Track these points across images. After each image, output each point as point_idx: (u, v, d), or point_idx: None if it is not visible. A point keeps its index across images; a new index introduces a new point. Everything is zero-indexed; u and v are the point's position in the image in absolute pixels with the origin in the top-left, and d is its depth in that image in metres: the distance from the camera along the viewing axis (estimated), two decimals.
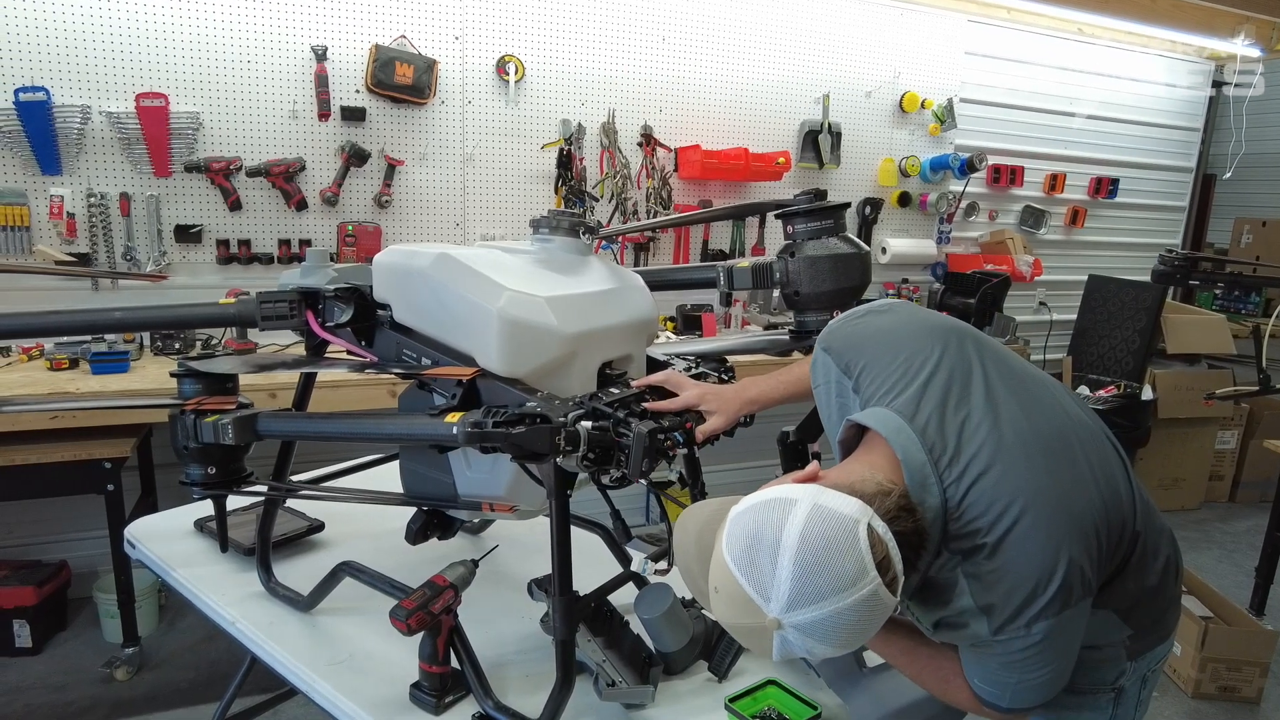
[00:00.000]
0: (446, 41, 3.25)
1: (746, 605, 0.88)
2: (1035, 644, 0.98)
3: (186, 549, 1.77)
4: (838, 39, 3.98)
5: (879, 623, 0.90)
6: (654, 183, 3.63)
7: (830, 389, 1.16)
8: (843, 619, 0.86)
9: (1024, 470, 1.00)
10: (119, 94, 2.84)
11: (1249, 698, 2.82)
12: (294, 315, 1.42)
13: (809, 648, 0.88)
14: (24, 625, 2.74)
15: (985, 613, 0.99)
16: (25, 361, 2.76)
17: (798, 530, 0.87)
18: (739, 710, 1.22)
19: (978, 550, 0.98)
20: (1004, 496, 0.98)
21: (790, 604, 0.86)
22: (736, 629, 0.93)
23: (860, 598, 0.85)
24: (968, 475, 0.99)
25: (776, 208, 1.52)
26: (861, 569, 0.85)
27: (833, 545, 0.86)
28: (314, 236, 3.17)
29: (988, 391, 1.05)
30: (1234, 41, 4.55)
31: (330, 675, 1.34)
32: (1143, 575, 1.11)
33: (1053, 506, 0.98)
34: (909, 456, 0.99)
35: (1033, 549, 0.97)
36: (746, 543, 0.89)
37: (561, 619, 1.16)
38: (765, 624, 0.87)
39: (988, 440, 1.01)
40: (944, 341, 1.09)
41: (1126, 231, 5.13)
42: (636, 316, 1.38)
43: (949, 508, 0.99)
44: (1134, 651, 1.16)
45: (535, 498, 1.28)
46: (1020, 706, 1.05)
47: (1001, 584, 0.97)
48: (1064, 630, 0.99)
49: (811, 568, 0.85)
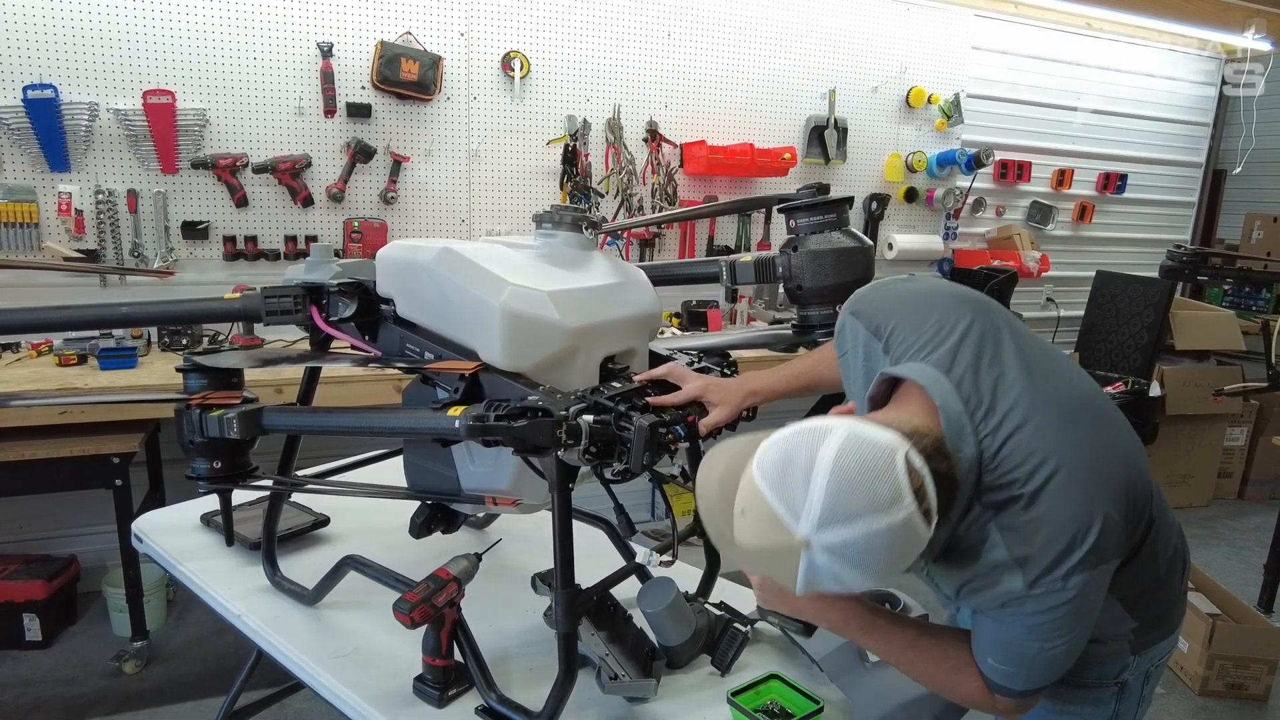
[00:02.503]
0: (452, 38, 3.25)
1: (774, 525, 0.86)
2: (1067, 601, 0.95)
3: (193, 543, 1.78)
4: (844, 34, 3.96)
5: (909, 556, 0.87)
6: (659, 179, 3.63)
7: (858, 353, 1.14)
8: (875, 542, 0.83)
9: (1060, 426, 0.99)
10: (126, 91, 2.86)
11: (1256, 695, 2.80)
12: (298, 310, 1.43)
13: (836, 573, 0.85)
14: (34, 619, 2.77)
15: (1020, 565, 0.96)
16: (34, 357, 2.78)
17: (833, 452, 0.85)
18: (742, 704, 1.22)
19: (1013, 502, 0.97)
20: (1041, 449, 0.97)
21: (821, 522, 0.84)
22: (762, 553, 0.89)
23: (894, 522, 0.83)
24: (1004, 428, 0.98)
25: (780, 202, 1.51)
26: (897, 493, 0.84)
27: (868, 467, 0.84)
28: (320, 233, 3.18)
29: (1019, 354, 1.05)
30: (1245, 35, 4.51)
31: (335, 668, 1.35)
32: (1152, 563, 1.11)
33: (1089, 462, 0.98)
34: (947, 404, 0.98)
35: (1071, 500, 0.96)
36: (779, 463, 0.87)
37: (564, 613, 1.16)
38: (794, 543, 0.85)
39: (1022, 397, 1.00)
40: (973, 307, 1.09)
41: (1135, 227, 5.10)
42: (639, 311, 1.38)
43: (984, 459, 0.98)
44: (1138, 645, 1.16)
45: (538, 492, 1.28)
46: (1033, 686, 1.03)
47: (1039, 535, 0.95)
48: (1094, 590, 0.97)
49: (846, 486, 0.83)
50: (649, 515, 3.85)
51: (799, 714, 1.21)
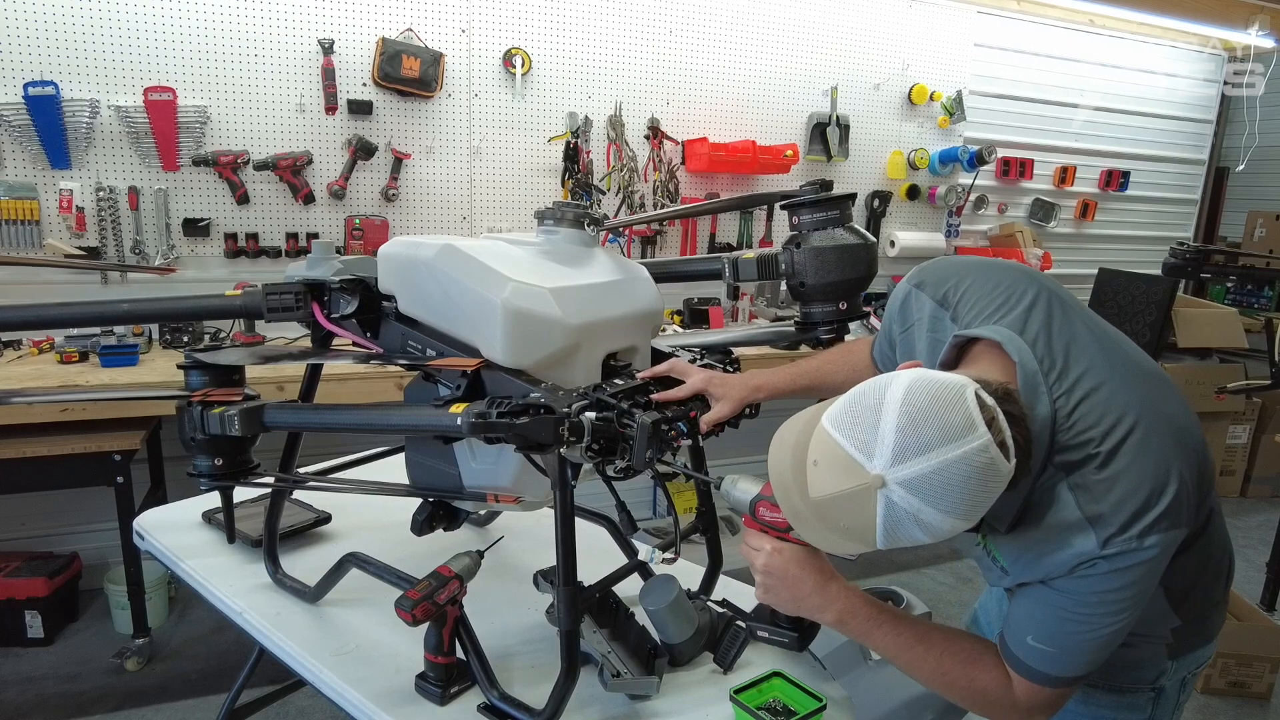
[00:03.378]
0: (453, 34, 3.24)
1: (848, 467, 0.85)
2: (1142, 563, 0.92)
3: (195, 540, 1.78)
4: (846, 30, 3.95)
5: (989, 490, 0.85)
6: (661, 176, 3.63)
7: (923, 325, 1.13)
8: (952, 473, 0.82)
9: (1134, 387, 0.99)
10: (127, 88, 2.85)
11: (1259, 694, 2.80)
12: (300, 307, 1.42)
13: (914, 512, 0.83)
14: (36, 616, 2.77)
15: (1093, 523, 0.92)
16: (36, 355, 2.78)
17: (901, 390, 0.85)
18: (744, 702, 1.21)
19: (1088, 461, 0.94)
20: (1117, 409, 0.96)
21: (895, 457, 0.83)
22: (838, 499, 0.87)
23: (970, 450, 0.82)
24: (1078, 389, 0.98)
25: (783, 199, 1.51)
26: (970, 423, 0.83)
27: (939, 400, 0.84)
28: (321, 230, 3.18)
29: (1087, 323, 1.05)
30: (1248, 32, 4.50)
31: (337, 666, 1.35)
32: (1204, 557, 1.09)
33: (1164, 423, 0.97)
34: (1024, 360, 0.97)
35: (1148, 457, 0.94)
36: (848, 408, 0.88)
37: (566, 610, 1.16)
38: (869, 482, 0.84)
39: (1095, 361, 1.00)
40: (1038, 278, 1.10)
41: (1137, 225, 5.09)
42: (641, 308, 1.38)
43: (1058, 418, 0.96)
44: (1176, 650, 1.13)
45: (540, 489, 1.28)
46: (1071, 673, 0.99)
47: (1113, 492, 0.93)
48: (1163, 559, 0.94)
49: (917, 419, 0.83)
50: (651, 513, 3.85)
51: (801, 712, 1.21)
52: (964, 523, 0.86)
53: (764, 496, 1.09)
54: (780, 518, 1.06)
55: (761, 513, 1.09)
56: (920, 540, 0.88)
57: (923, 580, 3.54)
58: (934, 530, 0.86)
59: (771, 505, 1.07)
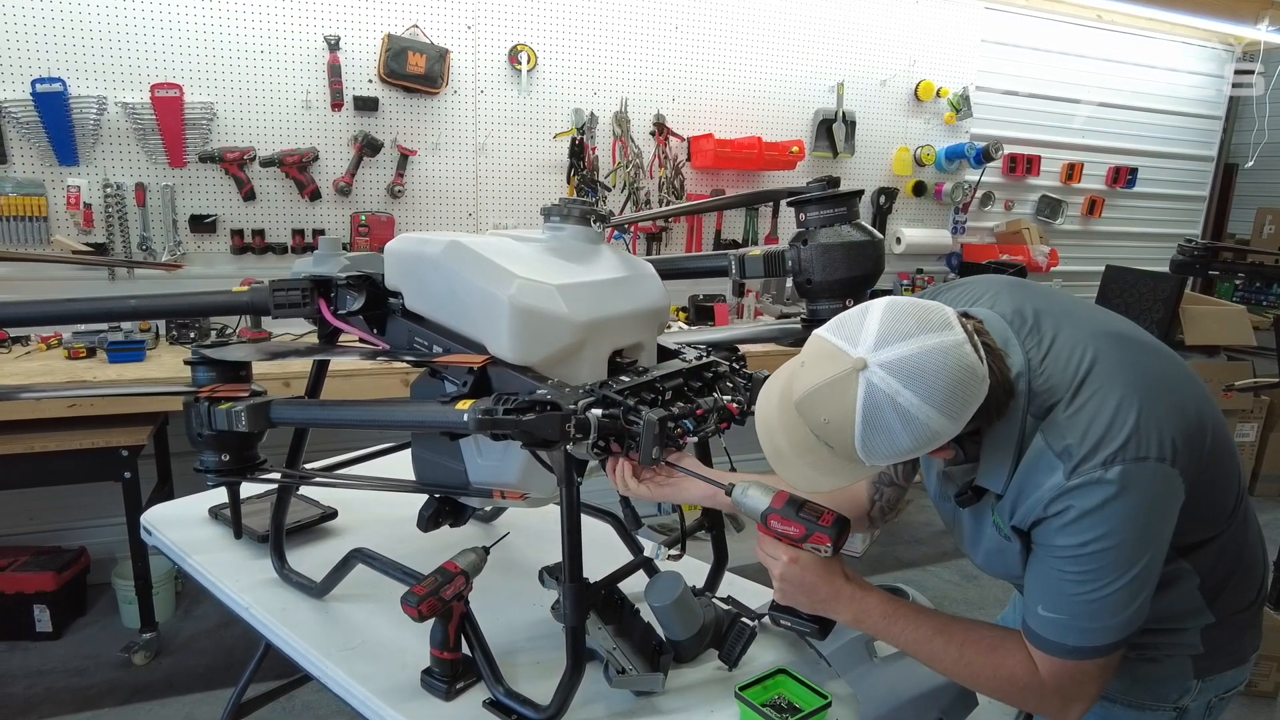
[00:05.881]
0: (459, 31, 3.24)
1: (833, 356, 0.91)
2: (1111, 499, 0.91)
3: (201, 536, 1.78)
4: (852, 27, 3.94)
5: (967, 389, 0.89)
6: (666, 172, 3.62)
7: None
8: (930, 359, 0.88)
9: (1103, 337, 1.02)
10: (134, 85, 2.86)
11: (1266, 692, 2.79)
12: (306, 303, 1.42)
13: (895, 394, 0.87)
14: (44, 610, 2.79)
15: (1062, 458, 0.94)
16: (44, 350, 2.79)
17: (886, 299, 0.94)
18: (749, 699, 1.21)
19: (1057, 405, 0.97)
20: (1079, 349, 1.00)
21: (878, 342, 0.89)
22: (819, 391, 0.91)
23: (948, 341, 0.88)
24: (1046, 338, 1.01)
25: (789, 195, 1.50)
26: (947, 321, 0.91)
27: (921, 305, 0.93)
28: (327, 226, 3.19)
29: (1061, 300, 1.10)
30: (1258, 27, 4.47)
31: (343, 661, 1.35)
32: (1239, 550, 1.09)
33: (1130, 365, 1.00)
34: (991, 321, 1.02)
35: (1109, 391, 0.96)
36: (837, 320, 0.95)
37: (572, 606, 1.16)
38: (851, 364, 0.89)
39: (1065, 319, 1.04)
40: (1010, 280, 1.14)
41: (1145, 221, 5.07)
42: (647, 305, 1.38)
43: (1031, 366, 0.99)
44: (1204, 668, 1.11)
45: (546, 485, 1.28)
46: (1086, 643, 0.97)
47: (1077, 426, 0.95)
48: (1141, 497, 0.93)
49: (899, 314, 0.91)
50: (656, 510, 3.85)
51: (806, 709, 1.21)
52: (941, 418, 0.89)
53: (774, 509, 1.09)
54: (791, 530, 1.08)
55: (773, 525, 1.09)
56: (900, 445, 0.90)
57: (928, 578, 3.53)
58: (912, 422, 0.88)
59: (783, 519, 1.08)
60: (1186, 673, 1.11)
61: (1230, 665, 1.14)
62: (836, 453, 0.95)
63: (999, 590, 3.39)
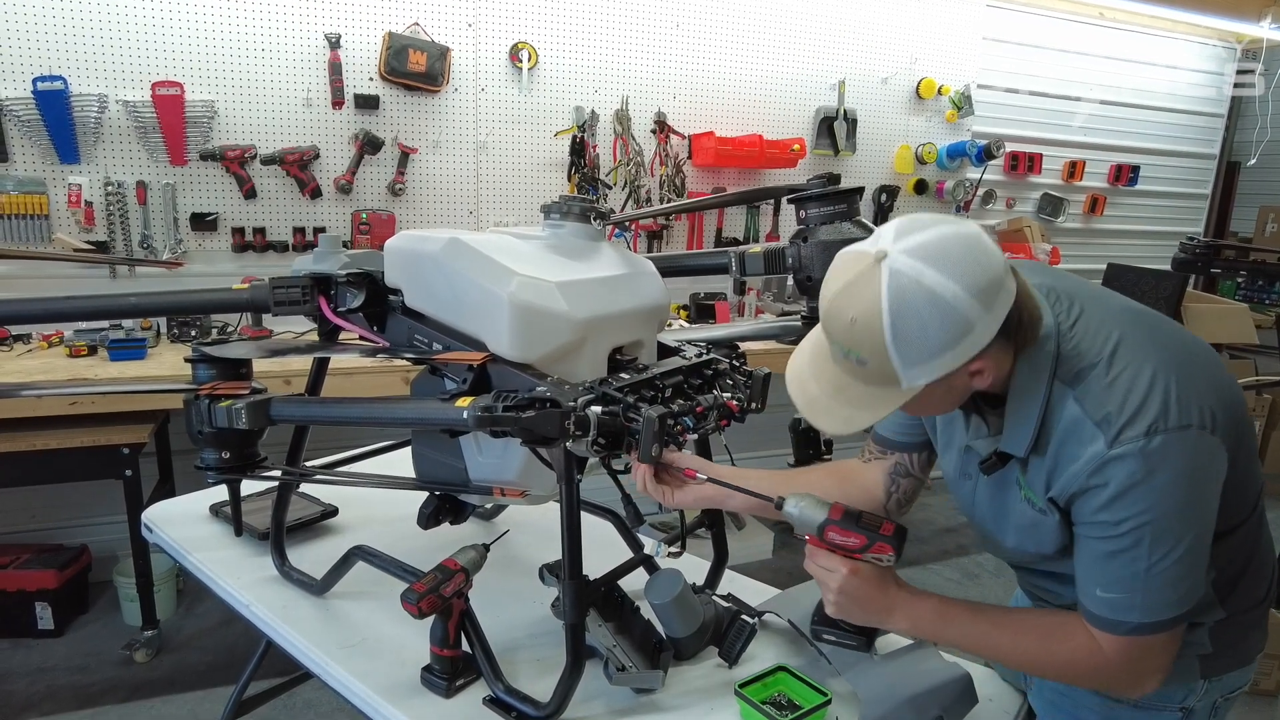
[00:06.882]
0: (459, 29, 3.24)
1: (856, 256, 0.93)
2: (1157, 469, 0.90)
3: (202, 533, 1.79)
4: (854, 24, 3.93)
5: (993, 275, 0.89)
6: (667, 170, 3.62)
7: None
8: (952, 242, 0.89)
9: (1130, 315, 1.03)
10: (135, 83, 2.86)
11: (1268, 690, 2.79)
12: (306, 300, 1.42)
13: (919, 275, 0.88)
14: (46, 608, 2.79)
15: (1101, 427, 0.93)
16: (45, 349, 2.80)
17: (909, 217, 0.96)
18: (749, 696, 1.21)
19: (1090, 370, 0.96)
20: (1112, 321, 1.00)
21: (897, 235, 0.91)
22: (845, 292, 0.92)
23: (968, 229, 0.91)
24: (1075, 309, 1.01)
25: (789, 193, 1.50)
26: (964, 219, 0.94)
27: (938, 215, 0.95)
28: (328, 224, 3.19)
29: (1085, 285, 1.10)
30: (1261, 24, 4.46)
31: (343, 658, 1.35)
32: (1253, 546, 1.09)
33: (1163, 340, 1.00)
34: (1023, 282, 1.00)
35: (1141, 361, 0.95)
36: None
37: (572, 603, 1.16)
38: (873, 256, 0.90)
39: (1091, 298, 1.04)
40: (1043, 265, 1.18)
41: (1147, 219, 5.06)
42: (648, 302, 1.37)
43: (1061, 329, 0.99)
44: (1210, 668, 1.11)
45: (546, 483, 1.28)
46: (1151, 618, 0.95)
47: (1115, 394, 0.94)
48: (1187, 468, 0.92)
49: (920, 219, 0.93)
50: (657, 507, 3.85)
51: (806, 706, 1.21)
52: (971, 299, 0.88)
53: (833, 520, 1.08)
54: (851, 541, 1.07)
55: (831, 536, 1.08)
56: (931, 336, 0.89)
57: (929, 576, 3.53)
58: (940, 304, 0.88)
59: (842, 530, 1.07)
60: (1193, 673, 1.11)
61: (1236, 665, 1.13)
62: (870, 370, 0.94)
63: (1000, 590, 3.39)
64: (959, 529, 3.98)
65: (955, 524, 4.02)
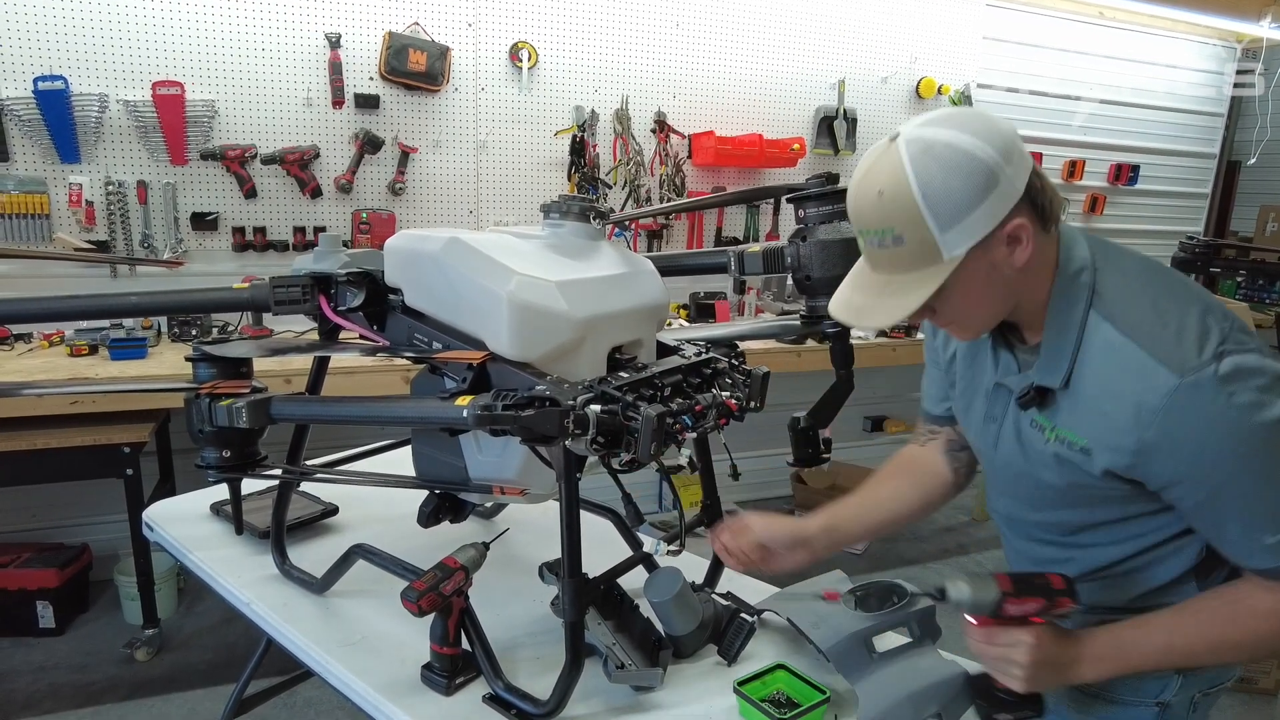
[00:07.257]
0: (459, 28, 3.24)
1: (873, 148, 0.99)
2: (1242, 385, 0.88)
3: (203, 532, 1.79)
4: (854, 24, 3.93)
5: (997, 125, 0.94)
6: (667, 169, 3.62)
7: None
8: (957, 111, 0.96)
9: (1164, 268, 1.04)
10: (136, 83, 2.86)
11: (1266, 689, 2.79)
12: (307, 300, 1.43)
13: (936, 136, 0.92)
14: (47, 606, 2.80)
15: (1164, 362, 0.91)
16: (46, 348, 2.80)
17: None
18: (748, 694, 1.21)
19: (1127, 300, 0.97)
20: (1144, 269, 1.02)
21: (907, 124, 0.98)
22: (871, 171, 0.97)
23: (974, 108, 0.98)
24: (1111, 254, 1.03)
25: (788, 192, 1.50)
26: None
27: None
28: (328, 224, 3.19)
29: None
30: (1261, 24, 4.46)
31: (343, 656, 1.35)
32: None
33: (1195, 290, 1.01)
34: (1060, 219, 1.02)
35: (1186, 303, 0.96)
36: None
37: (571, 602, 1.16)
38: (888, 140, 0.96)
39: (1117, 249, 1.06)
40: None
41: (1147, 219, 5.06)
42: (647, 301, 1.38)
43: (1095, 260, 1.01)
44: None
45: (546, 482, 1.28)
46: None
47: (1168, 324, 0.94)
48: (1270, 370, 0.91)
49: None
50: (657, 506, 3.86)
51: (805, 704, 1.21)
52: (988, 147, 0.91)
53: (1007, 593, 1.02)
54: (1030, 607, 1.02)
55: (1010, 610, 1.02)
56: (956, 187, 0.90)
57: (929, 575, 3.53)
58: (960, 153, 0.91)
59: (1019, 599, 1.02)
60: None
61: None
62: (909, 249, 0.94)
63: None
64: (959, 529, 3.98)
65: (955, 524, 4.03)
